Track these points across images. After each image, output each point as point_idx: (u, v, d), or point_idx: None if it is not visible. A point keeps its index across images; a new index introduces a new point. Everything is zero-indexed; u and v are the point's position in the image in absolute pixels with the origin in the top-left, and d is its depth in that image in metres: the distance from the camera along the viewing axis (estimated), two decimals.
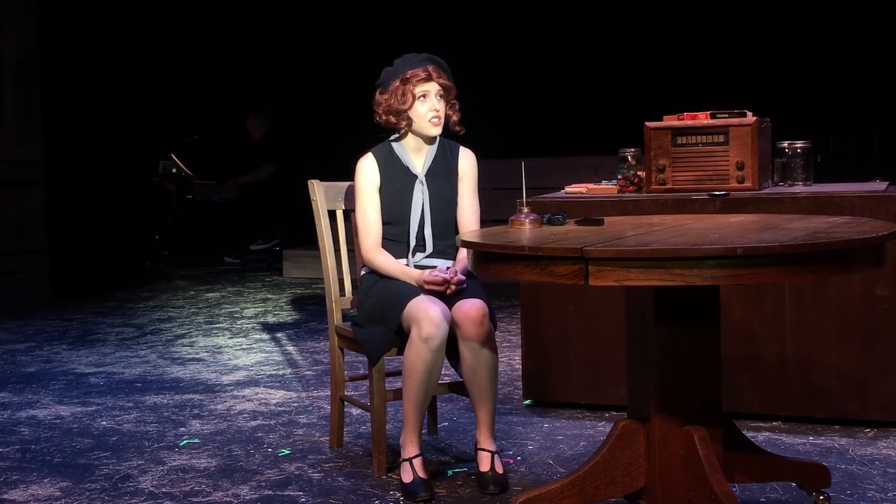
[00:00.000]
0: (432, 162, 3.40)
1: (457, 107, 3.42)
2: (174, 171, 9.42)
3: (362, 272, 3.48)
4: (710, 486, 2.59)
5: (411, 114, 3.32)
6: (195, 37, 9.59)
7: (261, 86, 9.63)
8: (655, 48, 8.09)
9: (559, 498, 2.72)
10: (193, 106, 9.75)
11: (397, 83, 3.31)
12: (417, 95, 3.30)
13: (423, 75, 3.30)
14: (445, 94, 3.35)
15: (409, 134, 3.38)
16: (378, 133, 3.45)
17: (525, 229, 2.92)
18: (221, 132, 9.86)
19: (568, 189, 4.23)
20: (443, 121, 3.35)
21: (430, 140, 3.39)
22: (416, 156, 3.40)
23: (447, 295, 3.21)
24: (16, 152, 7.27)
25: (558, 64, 8.44)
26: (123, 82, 8.74)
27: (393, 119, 3.34)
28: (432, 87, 3.31)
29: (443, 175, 3.40)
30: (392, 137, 3.41)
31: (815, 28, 7.61)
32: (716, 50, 7.84)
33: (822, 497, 2.95)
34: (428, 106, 3.30)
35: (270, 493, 3.23)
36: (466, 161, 3.43)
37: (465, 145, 3.50)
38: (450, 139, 3.47)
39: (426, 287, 3.20)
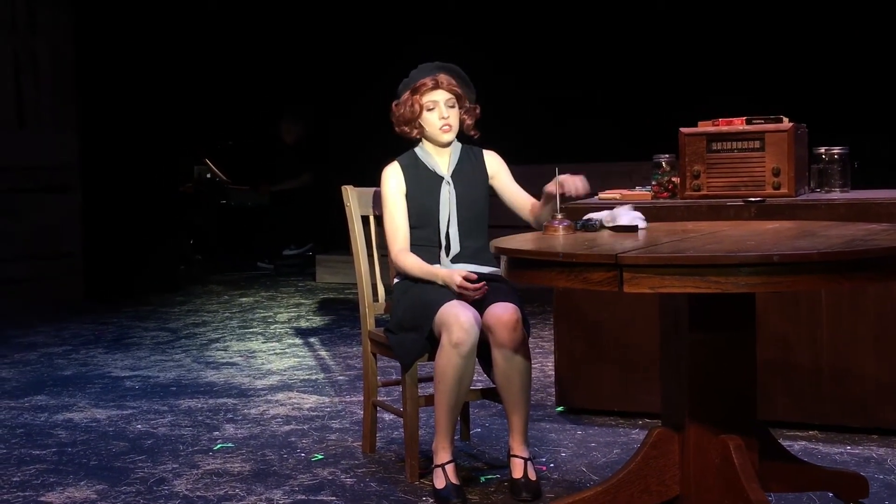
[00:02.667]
0: (457, 164, 3.44)
1: (475, 111, 3.46)
2: (208, 176, 9.49)
3: (395, 280, 3.49)
4: (745, 495, 2.57)
5: (422, 122, 3.40)
6: (229, 42, 9.66)
7: (291, 90, 9.67)
8: (688, 54, 8.04)
9: None
10: (228, 111, 9.82)
11: (407, 94, 3.40)
12: (426, 105, 3.37)
13: (430, 84, 3.37)
14: (458, 101, 3.40)
15: (430, 143, 3.44)
16: (400, 140, 3.51)
17: (559, 235, 2.92)
18: (255, 137, 9.92)
19: (602, 195, 4.22)
20: (455, 127, 3.40)
21: (447, 145, 3.44)
22: (441, 158, 3.45)
23: (479, 297, 3.21)
24: (52, 158, 7.36)
25: (593, 70, 8.41)
26: (158, 88, 8.82)
27: (406, 129, 3.43)
28: (440, 96, 3.37)
29: (469, 176, 3.44)
30: (416, 146, 3.47)
31: (854, 32, 7.53)
32: (751, 55, 7.78)
33: None
34: (437, 114, 3.37)
35: (303, 497, 3.24)
36: (493, 159, 3.49)
37: (492, 149, 3.52)
38: (473, 144, 3.51)
39: (461, 290, 3.20)
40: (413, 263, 3.35)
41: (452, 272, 3.25)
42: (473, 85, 3.49)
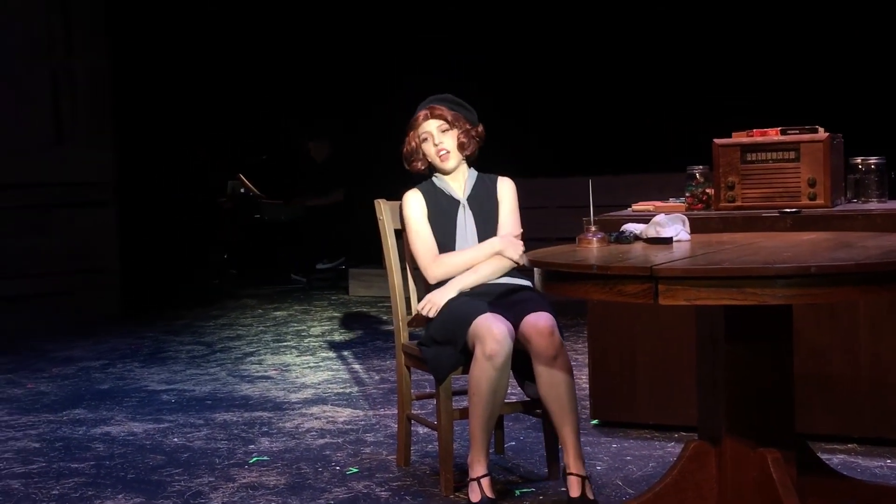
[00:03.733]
0: (472, 189, 3.52)
1: (476, 131, 3.52)
2: (242, 191, 9.56)
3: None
4: None
5: (424, 154, 3.51)
6: (260, 58, 9.74)
7: (320, 105, 9.73)
8: (722, 64, 8.01)
9: None
10: (260, 126, 9.90)
11: (407, 133, 3.54)
12: (421, 137, 3.49)
13: (421, 117, 3.50)
14: (451, 125, 3.47)
15: (439, 172, 3.54)
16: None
17: (593, 248, 2.91)
18: (287, 152, 9.98)
19: (635, 207, 4.20)
20: (453, 151, 3.49)
21: (462, 171, 3.53)
22: (456, 184, 3.54)
23: (511, 307, 3.21)
24: (88, 174, 7.44)
25: (625, 82, 8.40)
26: (192, 104, 8.92)
27: (414, 164, 3.56)
28: (431, 126, 3.48)
29: (484, 199, 3.51)
30: (433, 175, 3.57)
31: (891, 41, 7.46)
32: (786, 65, 7.74)
33: None
34: (431, 144, 3.48)
35: None
36: (504, 185, 3.55)
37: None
38: (489, 172, 3.59)
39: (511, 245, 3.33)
40: (453, 256, 3.42)
41: (496, 238, 3.39)
42: (474, 108, 3.58)
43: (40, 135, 7.26)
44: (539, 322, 3.13)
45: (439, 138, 3.46)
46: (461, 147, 3.48)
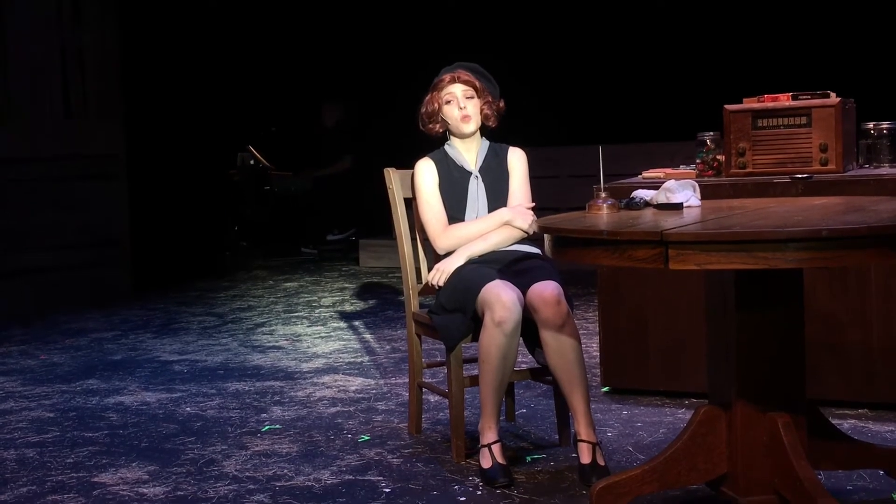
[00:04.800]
0: (484, 160, 3.52)
1: (498, 105, 3.53)
2: (252, 162, 9.56)
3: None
4: (794, 472, 2.55)
5: (444, 116, 3.50)
6: (271, 28, 9.70)
7: (334, 76, 9.70)
8: (733, 30, 7.94)
9: (640, 484, 2.70)
10: (270, 98, 9.87)
11: (429, 94, 3.53)
12: (444, 98, 3.48)
13: (447, 80, 3.50)
14: (478, 93, 3.48)
15: (455, 137, 3.52)
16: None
17: (603, 214, 2.90)
18: (298, 123, 9.96)
19: (645, 174, 4.19)
20: (474, 117, 3.49)
21: (476, 140, 3.53)
22: (469, 155, 3.53)
23: (519, 275, 3.22)
24: (98, 147, 7.44)
25: (634, 49, 8.34)
26: (202, 76, 8.88)
27: (430, 126, 3.54)
28: (458, 89, 3.48)
29: (495, 171, 3.51)
30: (445, 143, 3.56)
31: None
32: (797, 29, 7.67)
33: None
34: (455, 106, 3.47)
35: (351, 477, 3.26)
36: (515, 156, 3.55)
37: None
38: (500, 142, 3.59)
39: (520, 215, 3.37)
40: (463, 227, 3.44)
41: (505, 209, 3.40)
42: (496, 80, 3.57)
43: (50, 108, 7.25)
44: (545, 291, 3.13)
45: (464, 103, 3.46)
46: (485, 118, 3.51)
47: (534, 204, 3.48)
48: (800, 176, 3.74)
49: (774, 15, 7.82)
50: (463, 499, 3.05)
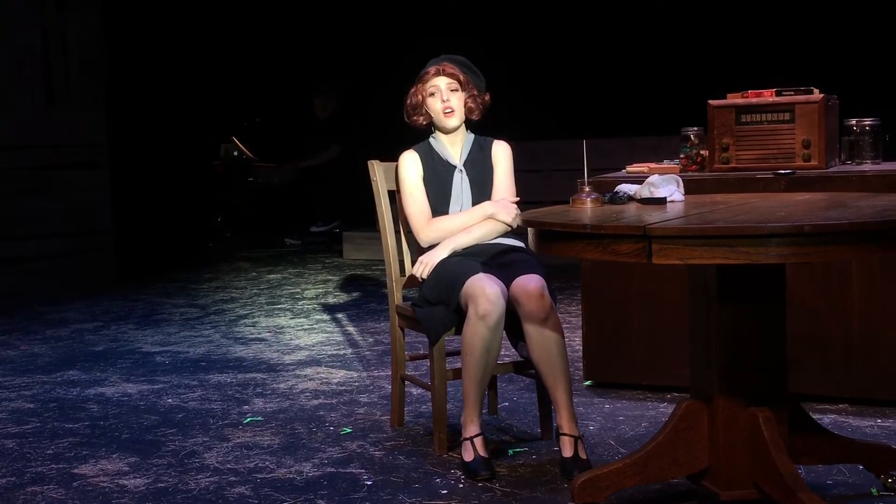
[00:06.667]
0: (469, 153, 3.52)
1: (483, 98, 3.53)
2: (235, 153, 9.52)
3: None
4: (775, 467, 2.57)
5: (427, 109, 3.50)
6: (256, 19, 9.66)
7: (322, 66, 9.67)
8: (718, 25, 7.96)
9: (621, 478, 2.71)
10: (254, 89, 9.83)
11: (414, 86, 3.52)
12: (429, 91, 3.48)
13: (432, 72, 3.49)
14: (462, 86, 3.48)
15: (439, 130, 3.52)
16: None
17: (587, 208, 2.90)
18: (283, 114, 9.93)
19: (629, 168, 4.19)
20: (458, 111, 3.49)
21: (461, 134, 3.53)
22: (453, 149, 3.54)
23: (503, 268, 3.22)
24: (81, 135, 7.39)
25: (619, 44, 8.35)
26: (186, 66, 8.84)
27: (415, 118, 3.54)
28: (441, 82, 3.48)
29: (480, 164, 3.52)
30: (430, 136, 3.55)
31: (887, 2, 7.42)
32: (781, 26, 7.69)
33: (891, 479, 2.90)
34: (438, 100, 3.46)
35: (332, 470, 3.26)
36: (500, 149, 3.55)
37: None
38: (484, 135, 3.59)
39: (504, 209, 3.37)
40: (446, 220, 3.44)
41: (488, 202, 3.41)
42: (482, 73, 3.57)
43: (31, 95, 7.20)
44: (529, 284, 3.13)
45: (447, 96, 3.46)
46: (469, 111, 3.50)
47: (518, 198, 3.48)
48: (783, 172, 3.75)
49: (759, 11, 7.84)
50: (445, 492, 3.05)
